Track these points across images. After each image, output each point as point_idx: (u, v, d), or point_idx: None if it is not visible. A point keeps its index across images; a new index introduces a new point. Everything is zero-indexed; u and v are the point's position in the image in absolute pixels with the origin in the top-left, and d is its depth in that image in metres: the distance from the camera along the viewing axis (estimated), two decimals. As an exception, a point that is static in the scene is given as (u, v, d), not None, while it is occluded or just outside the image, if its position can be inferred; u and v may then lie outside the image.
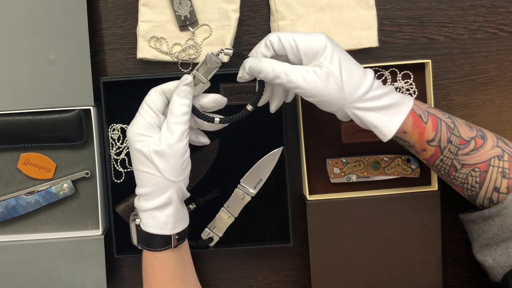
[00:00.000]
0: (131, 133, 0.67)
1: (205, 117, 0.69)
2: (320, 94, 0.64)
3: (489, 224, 0.70)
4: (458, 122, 0.70)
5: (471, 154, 0.68)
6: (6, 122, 0.78)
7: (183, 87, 0.66)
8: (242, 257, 0.86)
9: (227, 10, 0.79)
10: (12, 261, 0.79)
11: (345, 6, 0.79)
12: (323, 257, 0.81)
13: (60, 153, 0.82)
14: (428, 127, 0.68)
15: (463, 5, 0.82)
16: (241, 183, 0.81)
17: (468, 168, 0.69)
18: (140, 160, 0.66)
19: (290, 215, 0.80)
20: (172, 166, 0.65)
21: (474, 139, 0.69)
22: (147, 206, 0.67)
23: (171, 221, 0.67)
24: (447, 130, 0.68)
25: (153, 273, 0.70)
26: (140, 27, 0.79)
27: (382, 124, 0.66)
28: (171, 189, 0.66)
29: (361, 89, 0.65)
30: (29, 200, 0.81)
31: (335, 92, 0.64)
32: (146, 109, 0.67)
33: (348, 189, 0.83)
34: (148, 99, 0.67)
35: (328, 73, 0.64)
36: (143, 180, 0.67)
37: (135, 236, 0.70)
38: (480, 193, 0.70)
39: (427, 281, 0.82)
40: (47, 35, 0.78)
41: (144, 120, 0.66)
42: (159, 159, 0.65)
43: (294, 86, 0.64)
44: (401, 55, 0.83)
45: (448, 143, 0.68)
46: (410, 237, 0.81)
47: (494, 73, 0.83)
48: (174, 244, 0.69)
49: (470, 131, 0.70)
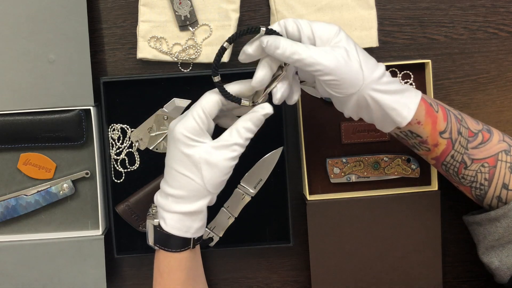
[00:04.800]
0: (180, 135, 0.64)
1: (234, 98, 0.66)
2: (342, 70, 0.62)
3: (495, 225, 0.69)
4: (464, 115, 0.70)
5: (480, 148, 0.68)
6: (6, 122, 0.78)
7: (261, 117, 0.65)
8: (242, 257, 0.86)
9: (227, 10, 0.79)
10: (12, 261, 0.79)
11: (345, 6, 0.79)
12: (323, 257, 0.81)
13: (60, 153, 0.82)
14: (440, 116, 0.67)
15: (463, 5, 0.82)
16: (241, 183, 0.81)
17: (478, 164, 0.68)
18: (185, 164, 0.64)
19: (290, 215, 0.80)
20: (217, 180, 0.65)
21: (481, 132, 0.68)
22: (176, 209, 0.66)
23: (197, 226, 0.67)
24: (456, 121, 0.68)
25: (168, 274, 0.69)
26: (140, 27, 0.79)
27: (400, 106, 0.64)
28: (206, 199, 0.66)
29: (377, 71, 0.64)
30: (29, 200, 0.81)
31: (356, 70, 0.62)
32: (200, 114, 0.65)
33: (348, 189, 0.83)
34: (204, 103, 0.65)
35: (347, 50, 0.62)
36: (180, 182, 0.65)
37: (151, 236, 0.68)
38: (488, 192, 0.69)
39: (427, 281, 0.82)
40: (47, 35, 0.78)
41: (197, 124, 0.64)
42: (208, 169, 0.64)
43: (313, 61, 0.61)
44: (401, 55, 0.83)
45: (458, 134, 0.67)
46: (410, 237, 0.81)
47: (494, 73, 0.83)
48: (193, 245, 0.68)
49: (477, 124, 0.69)
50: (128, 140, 0.81)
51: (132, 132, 0.81)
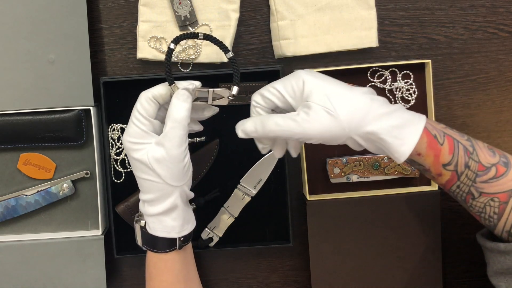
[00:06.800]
0: (127, 143, 0.66)
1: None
2: (319, 132, 0.60)
3: (504, 257, 0.64)
4: (478, 146, 0.63)
5: (491, 182, 0.62)
6: (6, 122, 0.78)
7: (183, 91, 0.65)
8: (242, 257, 0.86)
9: (227, 10, 0.79)
10: (12, 261, 0.79)
11: (345, 6, 0.79)
12: (323, 257, 0.81)
13: (60, 153, 0.82)
14: (444, 149, 0.62)
15: (463, 5, 0.82)
16: (241, 183, 0.81)
17: (487, 197, 0.63)
18: (140, 168, 0.66)
19: (290, 215, 0.80)
20: (173, 172, 0.65)
21: (495, 166, 0.62)
22: (153, 211, 0.67)
23: (178, 224, 0.67)
24: (465, 154, 0.62)
25: (156, 275, 0.70)
26: (140, 27, 0.79)
27: (394, 148, 0.60)
28: (175, 193, 0.66)
29: (361, 111, 0.60)
30: (29, 200, 0.81)
31: (333, 124, 0.60)
32: (138, 117, 0.66)
33: (348, 189, 0.83)
34: (139, 106, 0.66)
35: (317, 108, 0.60)
36: (145, 187, 0.66)
37: (139, 238, 0.70)
38: (498, 225, 0.64)
39: (427, 281, 0.82)
40: (47, 35, 0.78)
41: (138, 128, 0.65)
42: (160, 166, 0.64)
43: (289, 134, 0.61)
44: (401, 55, 0.83)
45: (466, 168, 0.62)
46: (410, 237, 0.81)
47: (494, 73, 0.83)
48: (179, 245, 0.69)
49: (492, 156, 0.63)
50: (128, 140, 0.81)
51: (132, 132, 0.81)
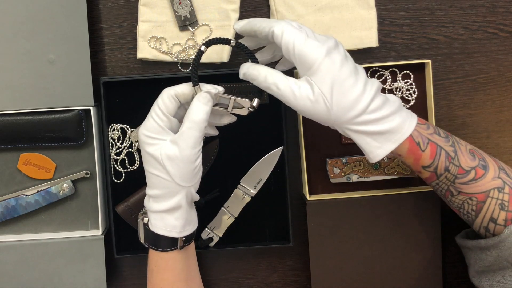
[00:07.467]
0: (142, 136, 0.66)
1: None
2: (308, 112, 0.64)
3: (485, 254, 0.68)
4: (460, 151, 0.67)
5: (469, 184, 0.66)
6: (6, 122, 0.78)
7: (205, 94, 0.65)
8: (242, 257, 0.86)
9: (227, 10, 0.79)
10: (12, 261, 0.79)
11: (345, 6, 0.79)
12: (323, 257, 0.81)
13: (60, 153, 0.82)
14: (425, 154, 0.66)
15: (463, 5, 0.82)
16: (241, 183, 0.81)
17: (465, 196, 0.67)
18: (151, 163, 0.66)
19: (290, 215, 0.80)
20: (182, 172, 0.65)
21: (474, 169, 0.66)
22: (157, 208, 0.67)
23: (179, 224, 0.68)
24: (446, 159, 0.66)
25: (157, 273, 0.70)
26: (140, 27, 0.79)
27: (369, 149, 0.65)
28: (181, 193, 0.66)
29: (353, 111, 0.63)
30: (29, 200, 0.81)
31: (323, 114, 0.63)
32: (158, 112, 0.66)
33: (348, 189, 0.83)
34: (160, 102, 0.66)
35: (318, 93, 0.62)
36: (153, 182, 0.67)
37: (142, 234, 0.70)
38: (476, 221, 0.68)
39: (427, 281, 0.82)
40: (47, 35, 0.78)
41: (156, 123, 0.66)
42: (171, 164, 0.65)
43: (283, 100, 0.64)
44: (401, 55, 0.83)
45: (446, 171, 0.66)
46: (410, 237, 0.81)
47: (494, 73, 0.83)
48: (181, 245, 0.69)
49: (472, 160, 0.67)
50: (128, 140, 0.81)
51: (132, 132, 0.81)
